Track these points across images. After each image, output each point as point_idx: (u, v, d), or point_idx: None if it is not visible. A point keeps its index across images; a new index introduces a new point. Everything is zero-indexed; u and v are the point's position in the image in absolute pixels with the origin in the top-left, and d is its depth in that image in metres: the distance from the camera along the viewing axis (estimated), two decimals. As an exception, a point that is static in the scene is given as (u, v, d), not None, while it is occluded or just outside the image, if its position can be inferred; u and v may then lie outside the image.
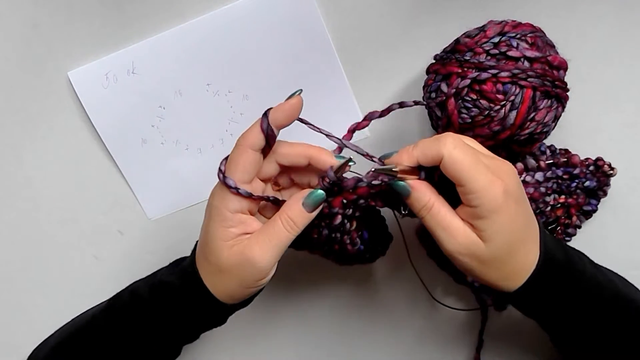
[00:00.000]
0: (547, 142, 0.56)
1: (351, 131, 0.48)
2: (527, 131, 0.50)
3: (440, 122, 0.52)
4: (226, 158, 0.45)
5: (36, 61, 0.58)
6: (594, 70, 0.57)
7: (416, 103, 0.49)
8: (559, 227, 0.58)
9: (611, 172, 0.55)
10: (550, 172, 0.54)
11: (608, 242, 0.59)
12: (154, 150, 0.61)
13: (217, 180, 0.45)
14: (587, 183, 0.55)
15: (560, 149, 0.57)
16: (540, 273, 0.44)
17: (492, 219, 0.41)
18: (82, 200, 0.62)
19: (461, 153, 0.41)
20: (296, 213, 0.44)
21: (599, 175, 0.55)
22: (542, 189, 0.54)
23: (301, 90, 0.44)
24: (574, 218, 0.57)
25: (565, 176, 0.55)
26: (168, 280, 0.49)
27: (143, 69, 0.58)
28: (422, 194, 0.43)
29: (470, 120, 0.50)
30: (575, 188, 0.55)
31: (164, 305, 0.48)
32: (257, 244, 0.44)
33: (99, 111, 0.59)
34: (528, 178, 0.53)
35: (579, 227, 0.58)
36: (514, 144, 0.51)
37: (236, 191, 0.43)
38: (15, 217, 0.63)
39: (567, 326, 0.47)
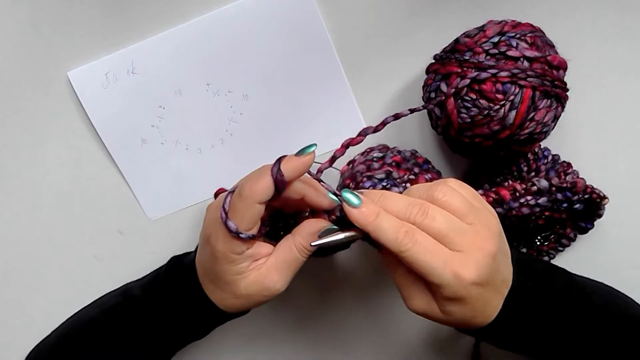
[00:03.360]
0: (547, 142, 0.56)
1: (345, 146, 0.47)
2: (526, 131, 0.50)
3: (440, 122, 0.52)
4: (230, 193, 0.44)
5: (36, 61, 0.58)
6: (594, 70, 0.57)
7: (412, 111, 0.49)
8: (552, 236, 0.57)
9: (600, 201, 0.52)
10: (553, 195, 0.52)
11: (608, 242, 0.59)
12: (154, 150, 0.61)
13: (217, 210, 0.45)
14: (577, 206, 0.53)
15: (563, 161, 0.56)
16: (506, 310, 0.43)
17: (451, 302, 0.41)
18: (82, 200, 0.62)
19: (421, 255, 0.39)
20: (309, 242, 0.44)
21: (589, 202, 0.53)
22: (537, 209, 0.52)
23: (316, 145, 0.43)
24: (568, 230, 0.57)
25: (562, 199, 0.52)
26: (173, 298, 0.49)
27: (143, 68, 0.58)
28: (386, 257, 0.44)
29: (469, 120, 0.50)
30: (565, 209, 0.53)
31: (170, 319, 0.49)
32: (276, 272, 0.45)
33: (99, 111, 0.59)
34: (532, 202, 0.51)
35: (573, 240, 0.57)
36: (514, 143, 0.51)
37: (237, 236, 0.43)
38: (15, 217, 0.63)
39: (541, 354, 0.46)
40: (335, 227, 0.44)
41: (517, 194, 0.50)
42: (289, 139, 0.60)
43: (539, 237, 0.57)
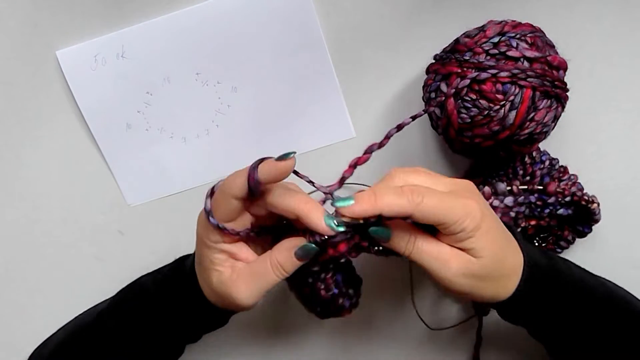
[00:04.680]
0: (547, 142, 0.56)
1: (352, 166, 0.45)
2: (526, 131, 0.50)
3: (440, 122, 0.52)
4: (212, 192, 0.44)
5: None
6: (594, 70, 0.57)
7: (414, 118, 0.48)
8: (550, 238, 0.57)
9: (590, 205, 0.52)
10: (522, 197, 0.52)
11: (608, 242, 0.59)
12: (138, 136, 0.60)
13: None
14: (561, 211, 0.53)
15: (560, 166, 0.56)
16: (529, 275, 0.44)
17: (476, 236, 0.41)
18: (82, 200, 0.62)
19: (429, 200, 0.40)
20: (286, 260, 0.43)
21: (578, 206, 0.53)
22: (512, 214, 0.52)
23: (295, 152, 0.42)
24: (566, 232, 0.56)
25: (538, 202, 0.53)
26: (171, 279, 0.50)
27: (133, 53, 0.58)
28: (402, 231, 0.42)
29: (469, 120, 0.50)
30: (548, 214, 0.53)
31: (167, 303, 0.49)
32: (244, 283, 0.44)
33: (86, 93, 0.59)
34: (496, 202, 0.51)
35: (572, 242, 0.57)
36: (514, 143, 0.51)
37: (208, 219, 0.43)
38: (13, 216, 0.63)
39: (560, 331, 0.47)
40: (313, 246, 0.42)
41: None
42: (275, 134, 0.60)
43: (537, 239, 0.57)
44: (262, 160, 0.42)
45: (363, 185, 0.59)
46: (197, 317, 0.49)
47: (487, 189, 0.52)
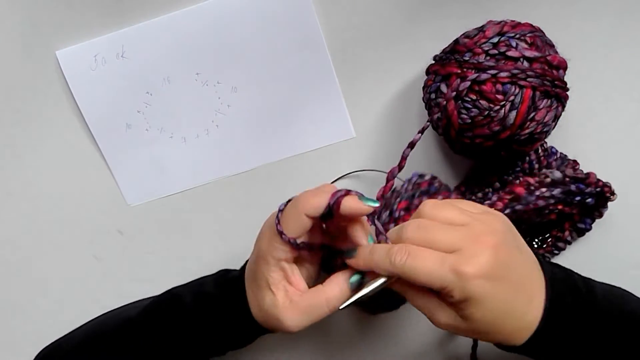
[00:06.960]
0: (548, 141, 0.56)
1: (380, 197, 0.46)
2: (527, 131, 0.50)
3: (440, 123, 0.52)
4: (284, 205, 0.45)
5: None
6: (594, 69, 0.57)
7: (422, 132, 0.48)
8: (550, 239, 0.57)
9: (610, 196, 0.53)
10: (573, 186, 0.52)
11: (608, 242, 0.59)
12: (138, 136, 0.60)
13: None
14: (589, 200, 0.53)
15: (569, 160, 0.56)
16: (546, 326, 0.42)
17: (465, 304, 0.40)
18: (81, 199, 0.62)
19: (416, 263, 0.40)
20: (339, 295, 0.45)
21: (599, 197, 0.53)
22: (552, 201, 0.52)
23: (379, 203, 0.44)
24: (566, 233, 0.57)
25: (575, 190, 0.52)
26: (213, 292, 0.50)
27: (133, 53, 0.58)
28: (398, 286, 0.43)
29: (470, 121, 0.50)
30: (578, 202, 0.53)
31: (208, 318, 0.49)
32: (296, 313, 0.45)
33: (86, 93, 0.59)
34: (547, 193, 0.51)
35: (569, 243, 0.57)
36: (515, 143, 0.51)
37: (280, 235, 0.44)
38: (14, 217, 0.63)
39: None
40: (360, 275, 0.45)
41: (532, 187, 0.50)
42: (275, 134, 0.60)
43: (536, 240, 0.57)
44: (347, 192, 0.43)
45: (381, 171, 0.60)
46: (236, 334, 0.50)
47: (547, 179, 0.51)
